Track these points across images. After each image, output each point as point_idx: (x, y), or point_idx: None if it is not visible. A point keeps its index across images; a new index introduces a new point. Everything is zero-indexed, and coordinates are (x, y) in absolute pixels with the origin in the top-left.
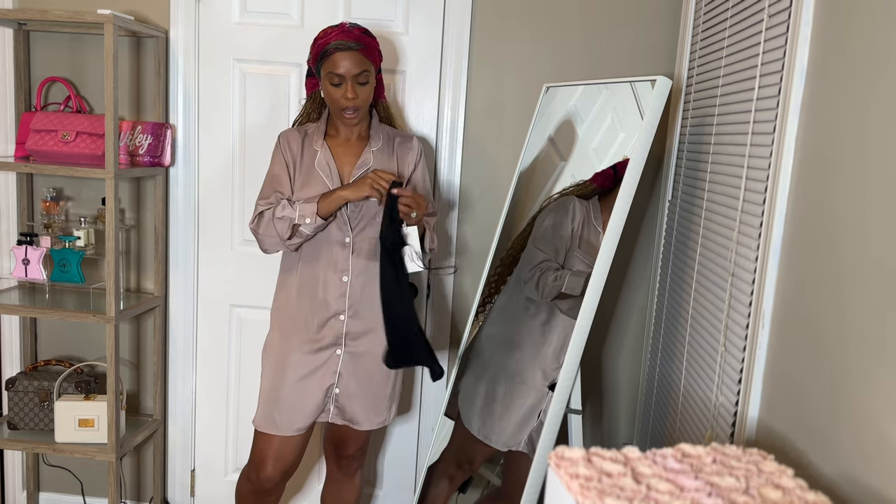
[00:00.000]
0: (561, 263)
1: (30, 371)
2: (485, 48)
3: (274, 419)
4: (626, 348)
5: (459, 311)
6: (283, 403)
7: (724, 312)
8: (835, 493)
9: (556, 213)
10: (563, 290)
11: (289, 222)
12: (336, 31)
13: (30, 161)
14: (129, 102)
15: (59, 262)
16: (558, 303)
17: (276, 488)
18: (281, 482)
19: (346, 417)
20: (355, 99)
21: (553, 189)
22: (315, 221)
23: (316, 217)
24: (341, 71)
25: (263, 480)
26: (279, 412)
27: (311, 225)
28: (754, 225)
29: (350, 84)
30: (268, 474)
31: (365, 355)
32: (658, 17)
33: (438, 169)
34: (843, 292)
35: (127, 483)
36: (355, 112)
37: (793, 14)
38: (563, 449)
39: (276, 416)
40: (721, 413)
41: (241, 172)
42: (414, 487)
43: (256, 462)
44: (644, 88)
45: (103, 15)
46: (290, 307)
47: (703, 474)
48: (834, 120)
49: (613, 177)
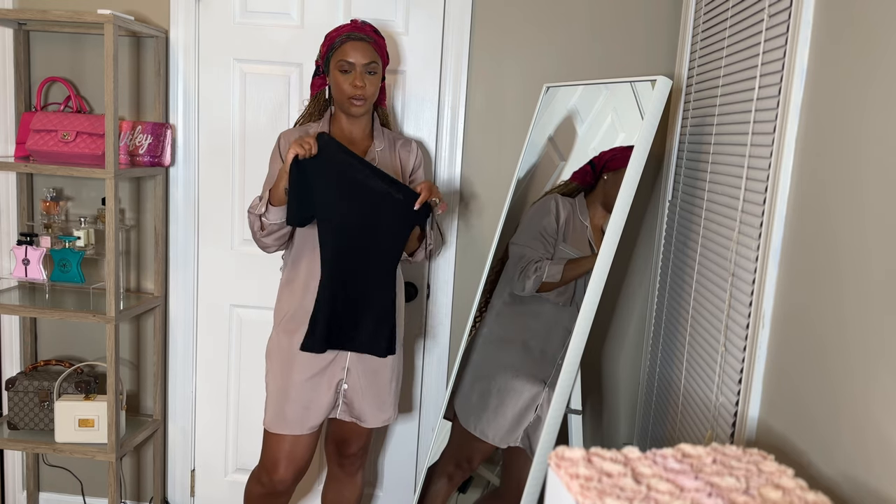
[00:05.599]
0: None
1: (30, 371)
2: (485, 48)
3: (286, 418)
4: (626, 348)
5: (459, 311)
6: (293, 402)
7: (724, 312)
8: (835, 493)
9: (538, 211)
10: (544, 279)
11: (256, 215)
12: (349, 25)
13: (30, 161)
14: (129, 102)
15: (59, 262)
16: (543, 294)
17: (287, 490)
18: (293, 483)
19: (353, 414)
20: (363, 88)
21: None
22: (268, 209)
23: (268, 204)
24: (352, 59)
25: (276, 483)
26: (291, 411)
27: (271, 214)
28: (754, 225)
29: (359, 72)
30: (280, 476)
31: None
32: (658, 17)
33: (438, 169)
34: (843, 292)
35: (127, 483)
36: (363, 101)
37: (793, 14)
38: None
39: (287, 416)
40: (721, 413)
41: (241, 172)
42: (414, 487)
43: (268, 464)
44: (644, 88)
45: (103, 15)
46: (293, 306)
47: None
48: (834, 120)
49: (592, 172)
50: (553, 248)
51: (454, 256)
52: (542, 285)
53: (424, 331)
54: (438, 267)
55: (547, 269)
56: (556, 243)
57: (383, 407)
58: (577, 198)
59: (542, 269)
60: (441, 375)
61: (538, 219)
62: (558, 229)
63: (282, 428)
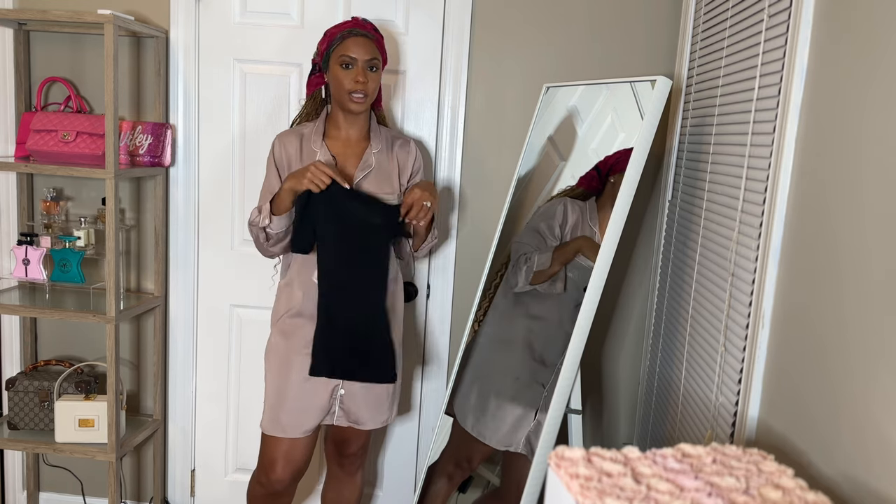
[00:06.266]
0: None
1: (30, 371)
2: (485, 48)
3: (281, 422)
4: (626, 348)
5: (459, 311)
6: (289, 406)
7: (724, 312)
8: (835, 493)
9: (544, 214)
10: (535, 269)
11: (259, 227)
12: (350, 22)
13: (30, 161)
14: (129, 102)
15: (60, 262)
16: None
17: (287, 490)
18: (291, 484)
19: (351, 419)
20: (365, 83)
21: (553, 189)
22: (271, 220)
23: (271, 216)
24: (354, 54)
25: (274, 483)
26: (286, 415)
27: (275, 224)
28: (754, 225)
29: (361, 67)
30: (278, 476)
31: None
32: (658, 17)
33: (438, 169)
34: (843, 292)
35: (127, 483)
36: (363, 97)
37: (793, 14)
38: (563, 449)
39: (282, 419)
40: (721, 413)
41: (241, 172)
42: (414, 487)
43: (266, 465)
44: (644, 88)
45: (103, 15)
46: (291, 310)
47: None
48: (834, 120)
49: (598, 177)
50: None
51: (454, 256)
52: (534, 276)
53: (424, 331)
54: (438, 267)
55: (536, 259)
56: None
57: (381, 409)
58: (587, 202)
59: (531, 259)
60: (441, 375)
61: (542, 220)
62: (562, 232)
63: (276, 431)
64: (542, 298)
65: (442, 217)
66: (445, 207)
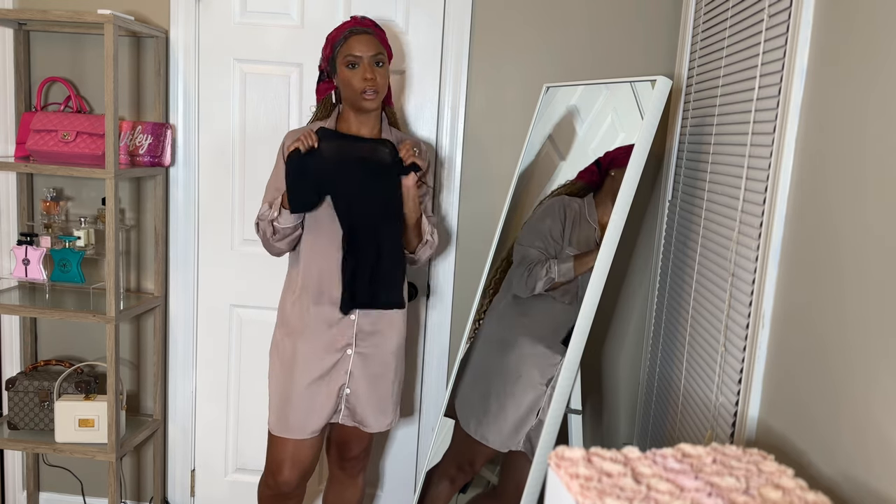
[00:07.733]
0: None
1: (30, 371)
2: (485, 48)
3: (288, 423)
4: (626, 348)
5: (459, 311)
6: (295, 407)
7: (724, 312)
8: (835, 493)
9: (545, 213)
10: (557, 279)
11: (268, 221)
12: (349, 22)
13: (30, 161)
14: (129, 102)
15: (60, 262)
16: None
17: (295, 492)
18: (299, 485)
19: (356, 419)
20: (373, 79)
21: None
22: (281, 212)
23: (281, 209)
24: (358, 52)
25: (282, 484)
26: (292, 416)
27: (284, 218)
28: (754, 225)
29: (367, 64)
30: (285, 478)
31: (373, 356)
32: (658, 17)
33: (438, 169)
34: (843, 292)
35: (127, 483)
36: (375, 94)
37: (793, 14)
38: (563, 449)
39: (289, 420)
40: (721, 413)
41: (241, 172)
42: (414, 488)
43: (273, 467)
44: (644, 88)
45: (103, 15)
46: (297, 308)
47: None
48: (834, 120)
49: (598, 172)
50: (556, 250)
51: (454, 256)
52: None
53: (424, 331)
54: (439, 267)
55: (557, 269)
56: (562, 246)
57: (385, 411)
58: (585, 198)
59: (552, 269)
60: (441, 376)
61: (544, 220)
62: (563, 232)
63: (283, 432)
64: (542, 298)
65: (442, 217)
66: (446, 207)
